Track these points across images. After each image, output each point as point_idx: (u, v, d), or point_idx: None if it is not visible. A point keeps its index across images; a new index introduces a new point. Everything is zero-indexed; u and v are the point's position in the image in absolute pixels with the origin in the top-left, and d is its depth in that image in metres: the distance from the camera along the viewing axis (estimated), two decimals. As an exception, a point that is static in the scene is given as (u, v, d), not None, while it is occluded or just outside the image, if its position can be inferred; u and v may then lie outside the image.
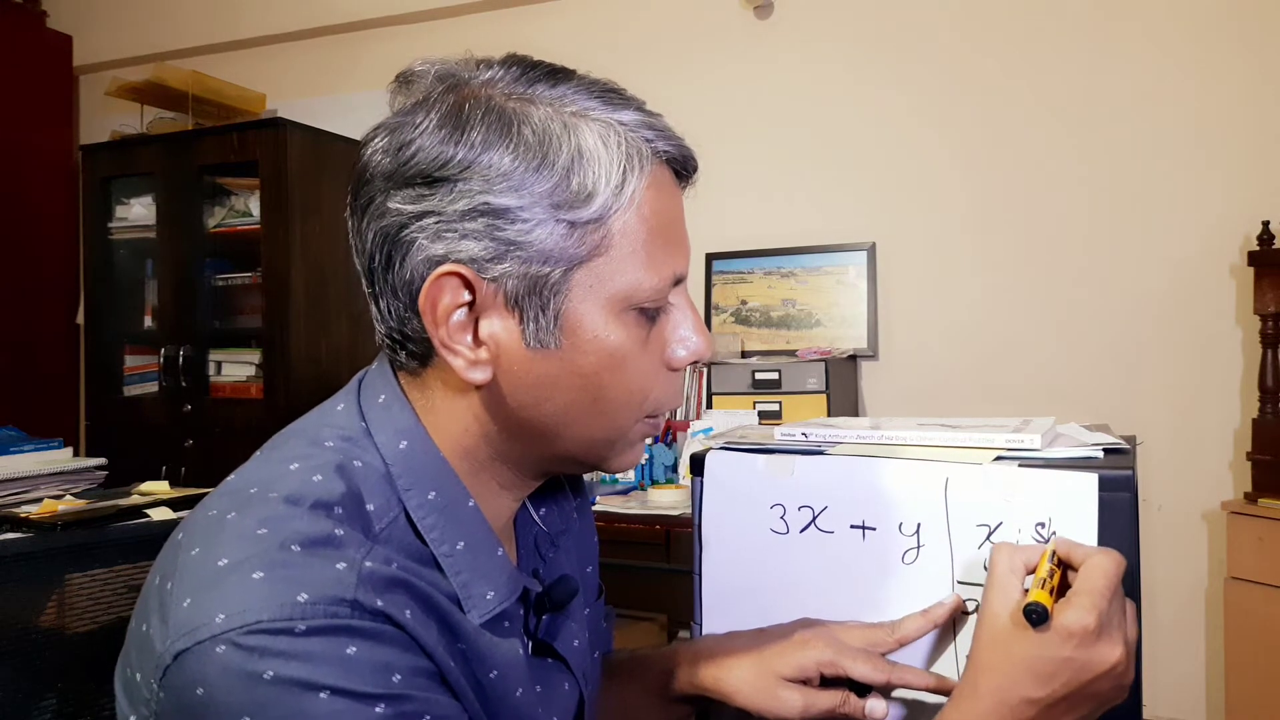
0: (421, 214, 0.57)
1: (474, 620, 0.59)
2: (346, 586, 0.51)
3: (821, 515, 0.75)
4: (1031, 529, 0.68)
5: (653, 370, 0.61)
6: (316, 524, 0.54)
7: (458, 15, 3.21)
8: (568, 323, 0.58)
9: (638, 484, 2.32)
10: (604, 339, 0.58)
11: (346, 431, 0.61)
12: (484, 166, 0.56)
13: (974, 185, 2.62)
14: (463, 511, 0.61)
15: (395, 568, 0.54)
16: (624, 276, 0.58)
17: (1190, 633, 2.39)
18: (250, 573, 0.51)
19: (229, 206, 3.01)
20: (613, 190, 0.57)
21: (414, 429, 0.61)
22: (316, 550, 0.52)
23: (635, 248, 0.58)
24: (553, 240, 0.56)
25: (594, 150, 0.57)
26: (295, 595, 0.50)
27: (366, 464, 0.59)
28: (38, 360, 3.52)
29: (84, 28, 3.74)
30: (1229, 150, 2.39)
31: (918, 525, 0.72)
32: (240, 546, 0.52)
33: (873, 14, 2.72)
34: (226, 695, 0.49)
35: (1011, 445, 0.74)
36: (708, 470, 0.80)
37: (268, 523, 0.53)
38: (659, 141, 0.60)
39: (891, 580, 0.73)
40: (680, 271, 0.61)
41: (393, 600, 0.53)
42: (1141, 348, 2.46)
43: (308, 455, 0.59)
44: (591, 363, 0.59)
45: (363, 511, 0.57)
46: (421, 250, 0.57)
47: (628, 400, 0.61)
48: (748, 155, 2.83)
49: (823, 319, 2.72)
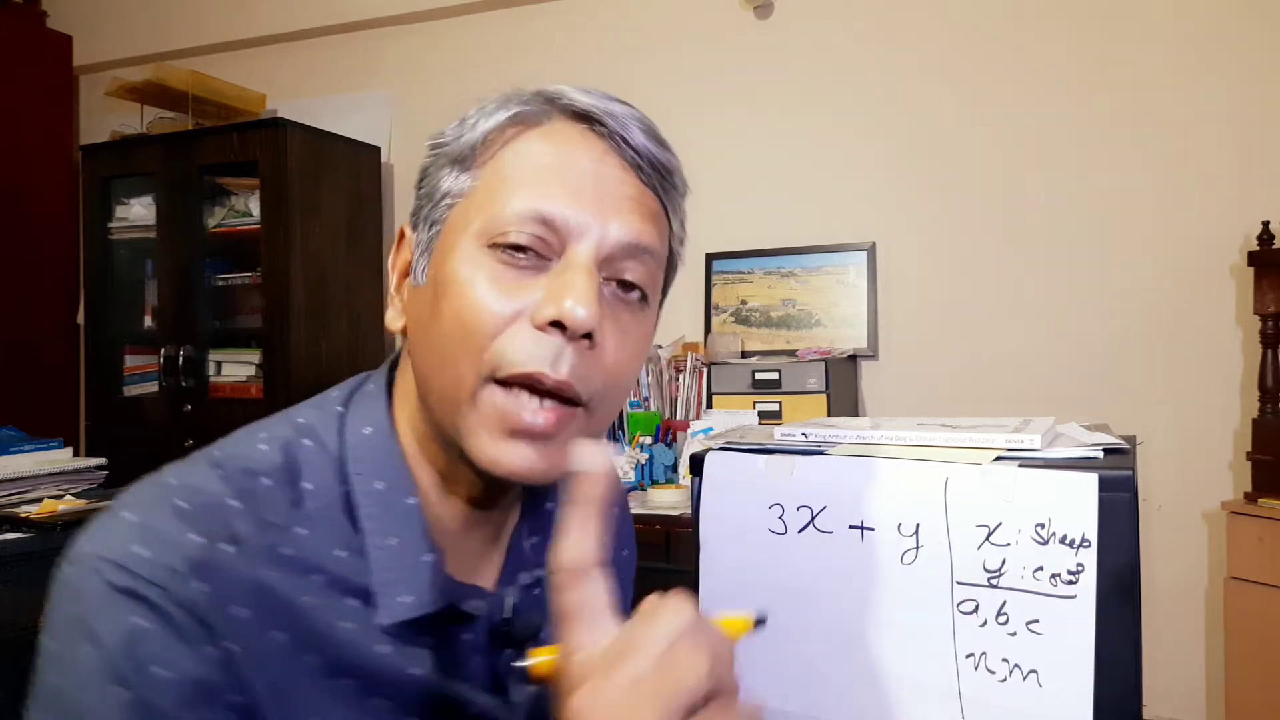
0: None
1: (381, 619, 0.57)
2: (183, 558, 0.53)
3: (820, 515, 0.75)
4: (1031, 529, 0.68)
5: (505, 319, 0.55)
6: (219, 489, 0.56)
7: (458, 15, 3.21)
8: (436, 257, 0.59)
9: (638, 484, 2.32)
10: (456, 269, 0.57)
11: (321, 413, 0.63)
12: (438, 146, 0.63)
13: (974, 185, 2.62)
14: (401, 507, 0.59)
15: (264, 562, 0.55)
16: (486, 210, 0.57)
17: (1190, 633, 2.39)
18: (126, 512, 0.55)
19: (229, 206, 3.01)
20: (485, 127, 0.59)
21: (381, 418, 0.62)
22: (193, 514, 0.54)
23: (498, 186, 0.58)
24: (444, 182, 0.60)
25: (492, 98, 0.61)
26: (137, 546, 0.52)
27: (319, 444, 0.60)
28: (38, 360, 3.52)
29: (84, 28, 3.74)
30: (1229, 150, 2.39)
31: (916, 526, 0.72)
32: (145, 491, 0.56)
33: (873, 14, 2.72)
34: (53, 606, 0.53)
35: (1011, 445, 0.74)
36: (706, 470, 0.80)
37: (182, 476, 0.57)
38: (571, 100, 0.59)
39: (889, 581, 0.73)
40: (546, 210, 0.56)
41: (227, 590, 0.53)
42: (1141, 348, 2.45)
43: (274, 428, 0.62)
44: (440, 291, 0.57)
45: (295, 486, 0.58)
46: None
47: (463, 337, 0.55)
48: (748, 155, 2.83)
49: (823, 319, 2.72)
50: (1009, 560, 0.69)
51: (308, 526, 0.57)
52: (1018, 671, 0.69)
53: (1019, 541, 0.68)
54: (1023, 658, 0.68)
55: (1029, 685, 0.68)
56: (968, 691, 0.70)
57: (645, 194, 0.60)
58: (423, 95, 3.22)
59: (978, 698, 0.70)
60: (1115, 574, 0.67)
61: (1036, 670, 0.68)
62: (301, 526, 0.57)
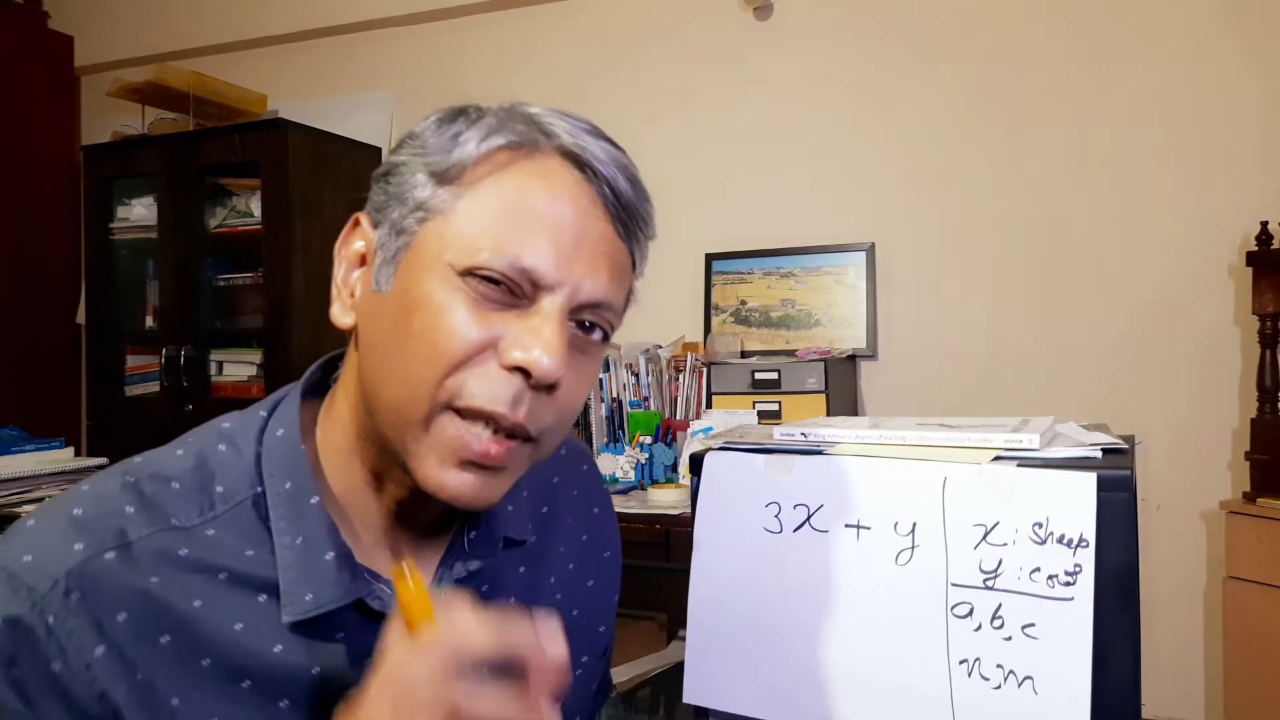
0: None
1: (285, 617, 0.58)
2: (60, 566, 0.55)
3: (816, 514, 0.75)
4: (1029, 529, 0.68)
5: (471, 349, 0.56)
6: (118, 496, 0.58)
7: (458, 16, 3.21)
8: (403, 266, 0.59)
9: (638, 484, 2.32)
10: (428, 289, 0.57)
11: (245, 418, 0.65)
12: (408, 135, 0.62)
13: (973, 185, 2.62)
14: (305, 506, 0.61)
15: (150, 566, 0.56)
16: (458, 236, 0.57)
17: (1189, 632, 2.39)
18: (29, 520, 0.58)
19: (230, 207, 3.01)
20: (475, 150, 0.58)
21: (292, 420, 0.64)
22: (84, 521, 0.57)
23: (480, 214, 0.57)
24: (419, 191, 0.59)
25: (485, 119, 0.60)
26: (24, 554, 0.55)
27: (234, 448, 0.62)
28: (40, 360, 3.52)
29: (86, 28, 3.75)
30: (1228, 150, 2.39)
31: (913, 525, 0.71)
32: (58, 500, 0.59)
33: (872, 15, 2.72)
34: None
35: (1010, 445, 0.74)
36: (705, 470, 0.81)
37: (93, 483, 0.60)
38: (570, 139, 0.59)
39: (883, 581, 0.72)
40: (528, 264, 0.57)
41: (102, 598, 0.55)
42: (1140, 348, 2.46)
43: (198, 435, 0.64)
44: (406, 305, 0.58)
45: (206, 491, 0.60)
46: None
47: (431, 360, 0.56)
48: (747, 155, 2.83)
49: (822, 319, 2.73)
50: (1006, 561, 0.68)
51: (216, 527, 0.59)
52: (1013, 678, 0.68)
53: (1016, 541, 0.68)
54: (1018, 663, 0.68)
55: (1024, 692, 0.67)
56: (960, 699, 0.70)
57: (619, 249, 0.61)
58: (423, 95, 3.22)
59: (970, 706, 0.69)
60: (1114, 574, 0.67)
61: (1032, 676, 0.67)
62: (210, 528, 0.59)
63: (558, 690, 0.52)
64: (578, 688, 0.77)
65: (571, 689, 0.75)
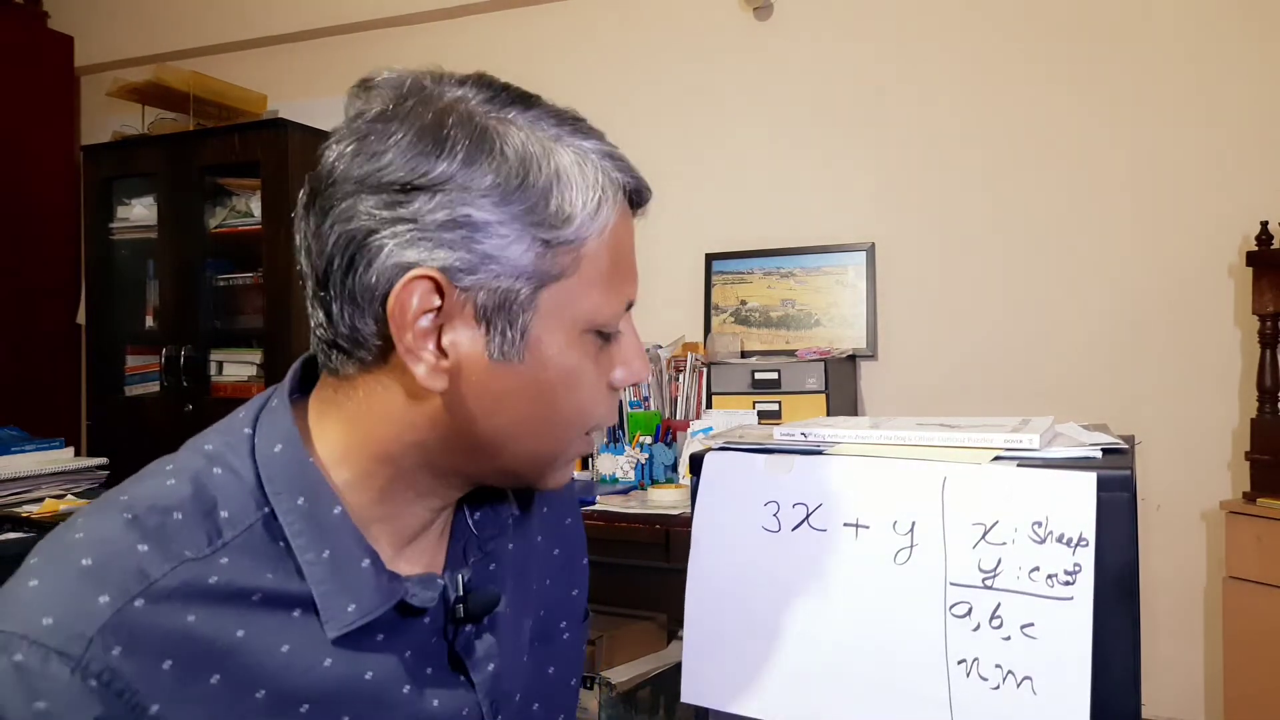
0: (395, 220, 0.56)
1: (330, 632, 0.58)
2: (92, 623, 0.51)
3: (815, 513, 0.75)
4: (1028, 528, 0.68)
5: (600, 390, 0.63)
6: (125, 536, 0.54)
7: (458, 16, 3.21)
8: (533, 338, 0.59)
9: (638, 484, 2.32)
10: (564, 357, 0.60)
11: (229, 437, 0.61)
12: (466, 179, 0.56)
13: (973, 185, 2.62)
14: (328, 519, 0.59)
15: (184, 603, 0.54)
16: (588, 299, 0.60)
17: (1189, 632, 2.39)
18: (30, 579, 0.53)
19: (230, 207, 3.01)
20: (588, 215, 0.59)
21: (290, 432, 0.61)
22: (99, 571, 0.53)
23: (600, 272, 0.60)
24: (527, 257, 0.57)
25: (570, 174, 0.58)
26: (43, 617, 0.51)
27: (230, 470, 0.59)
28: (40, 360, 3.52)
29: (85, 28, 3.75)
30: (1228, 150, 2.39)
31: (912, 524, 0.71)
32: (51, 550, 0.55)
33: (872, 15, 2.72)
34: None
35: (1010, 445, 0.74)
36: (705, 469, 0.81)
37: (89, 527, 0.55)
38: (622, 173, 0.62)
39: (881, 580, 0.72)
40: (632, 297, 0.64)
41: (145, 649, 0.52)
42: (1140, 348, 2.46)
43: (182, 460, 0.60)
44: (550, 379, 0.60)
45: (211, 518, 0.57)
46: (392, 256, 0.56)
47: (575, 418, 0.63)
48: (747, 155, 2.83)
49: (822, 319, 2.73)
50: (1005, 560, 0.68)
51: (229, 555, 0.56)
52: (1011, 678, 0.68)
53: (1015, 540, 0.68)
54: (1016, 663, 0.67)
55: (1023, 692, 0.67)
56: (958, 699, 0.69)
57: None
58: (423, 96, 3.22)
59: (969, 706, 0.69)
60: (1114, 574, 0.67)
61: (1031, 676, 0.67)
62: (223, 556, 0.56)
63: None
64: (566, 655, 0.79)
65: (558, 656, 0.77)
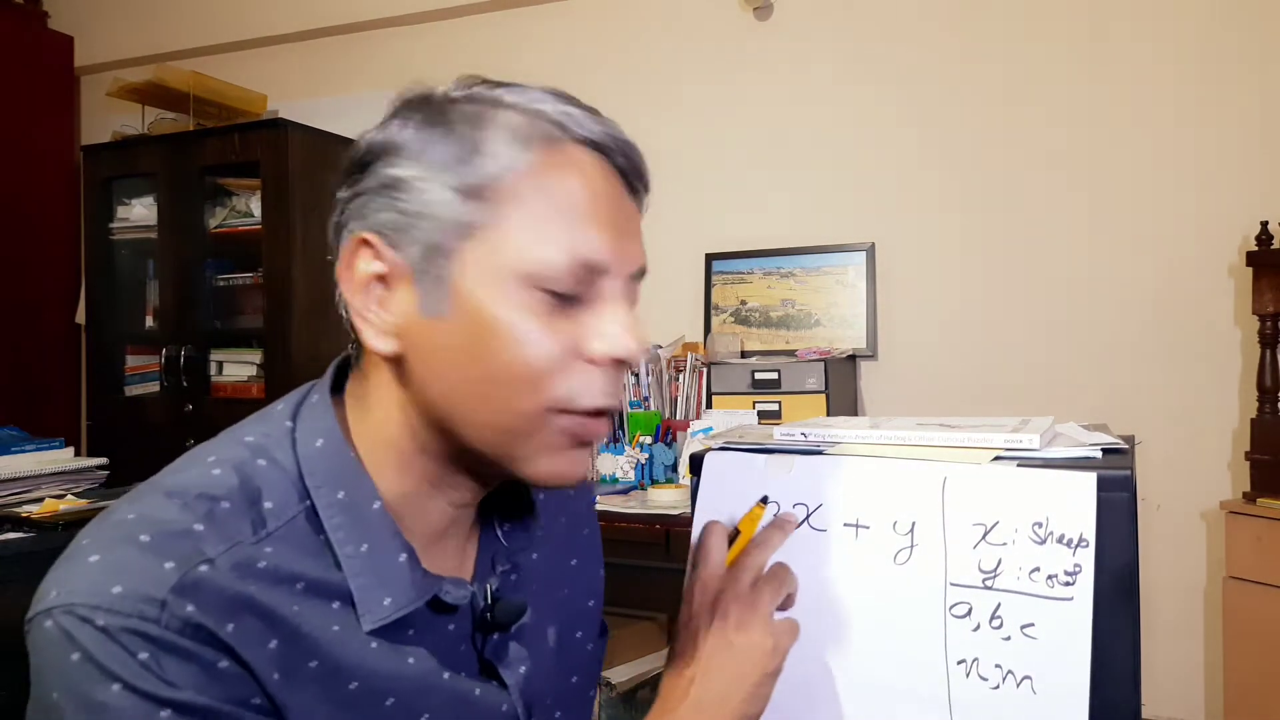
0: (351, 197, 0.60)
1: (365, 625, 0.59)
2: (161, 586, 0.52)
3: (815, 513, 0.75)
4: (1029, 529, 0.68)
5: (559, 358, 0.58)
6: (180, 517, 0.55)
7: (458, 16, 3.21)
8: (456, 288, 0.57)
9: (638, 483, 2.32)
10: (492, 309, 0.57)
11: (269, 430, 0.62)
12: (396, 143, 0.59)
13: (973, 186, 2.62)
14: (368, 513, 0.60)
15: (241, 577, 0.55)
16: (517, 249, 0.57)
17: (1189, 632, 2.39)
18: (89, 555, 0.54)
19: (230, 207, 3.01)
20: (511, 155, 0.58)
21: (331, 428, 0.62)
22: (159, 544, 0.54)
23: (531, 221, 0.57)
24: (445, 207, 0.57)
25: (496, 122, 0.59)
26: (111, 586, 0.52)
27: (274, 462, 0.60)
28: (39, 360, 3.52)
29: (85, 28, 3.75)
30: (1228, 150, 2.39)
31: (912, 524, 0.71)
32: (103, 530, 0.56)
33: (872, 16, 2.72)
34: (45, 666, 0.52)
35: (1010, 445, 0.74)
36: (705, 469, 0.80)
37: (139, 510, 0.56)
38: (581, 126, 0.60)
39: (881, 580, 0.72)
40: (591, 257, 0.58)
41: (213, 609, 0.53)
42: (1140, 348, 2.46)
43: (224, 450, 0.61)
44: (479, 333, 0.57)
45: (255, 508, 0.58)
46: (351, 231, 0.60)
47: (520, 383, 0.57)
48: (747, 156, 2.84)
49: (822, 319, 2.73)
50: (1005, 560, 0.68)
51: (273, 544, 0.57)
52: (1011, 678, 0.67)
53: (1015, 540, 0.68)
54: (1016, 663, 0.67)
55: (1023, 692, 0.67)
56: (958, 699, 0.69)
57: (636, 212, 0.64)
58: (423, 96, 3.22)
59: (969, 706, 0.69)
60: (1114, 574, 0.66)
61: (1030, 676, 0.67)
62: (268, 545, 0.57)
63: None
64: (587, 666, 0.79)
65: (580, 667, 0.77)
